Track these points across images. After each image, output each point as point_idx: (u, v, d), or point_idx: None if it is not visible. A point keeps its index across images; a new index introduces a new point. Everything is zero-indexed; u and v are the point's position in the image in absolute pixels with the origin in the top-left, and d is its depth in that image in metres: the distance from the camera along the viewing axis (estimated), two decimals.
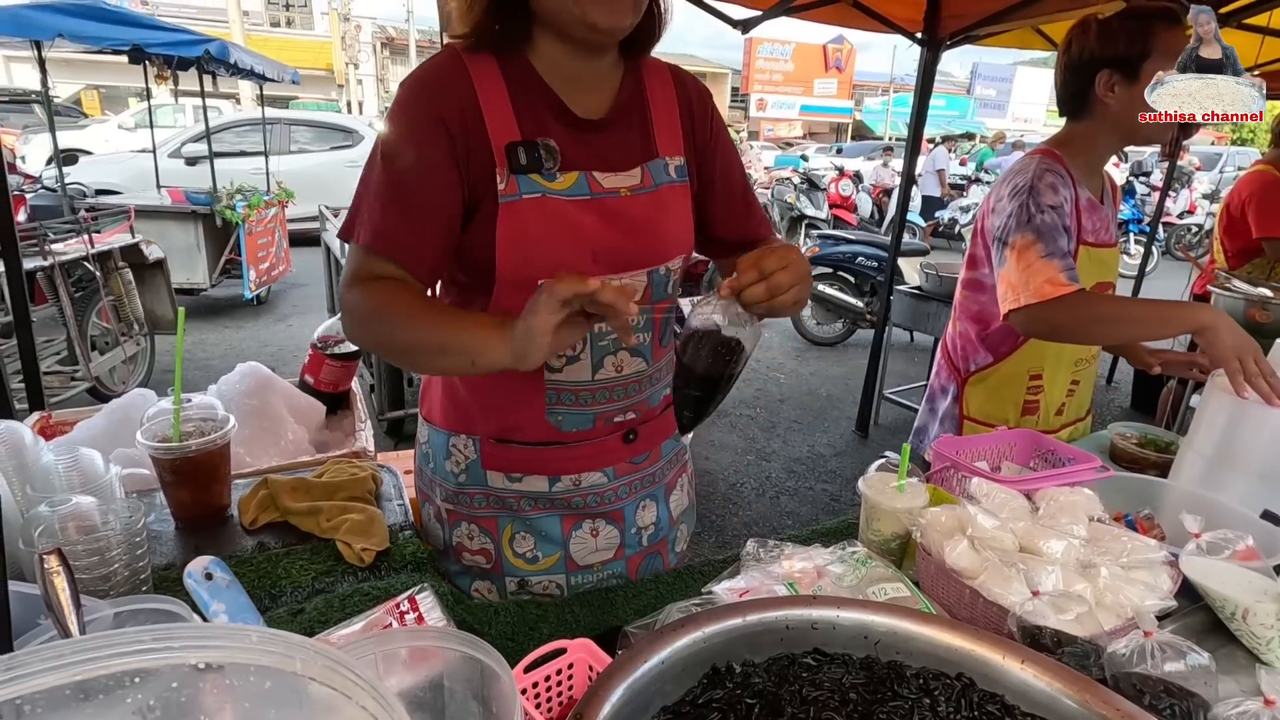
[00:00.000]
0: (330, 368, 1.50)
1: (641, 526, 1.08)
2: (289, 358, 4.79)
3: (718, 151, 1.02)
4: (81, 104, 15.98)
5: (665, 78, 0.98)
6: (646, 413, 1.03)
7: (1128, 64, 1.32)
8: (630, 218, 0.90)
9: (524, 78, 0.88)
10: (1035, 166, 1.40)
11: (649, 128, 0.95)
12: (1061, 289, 1.29)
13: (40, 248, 3.15)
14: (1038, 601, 0.75)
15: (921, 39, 3.19)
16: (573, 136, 0.89)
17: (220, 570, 0.60)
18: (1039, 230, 1.33)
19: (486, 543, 1.03)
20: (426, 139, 0.84)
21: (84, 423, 1.31)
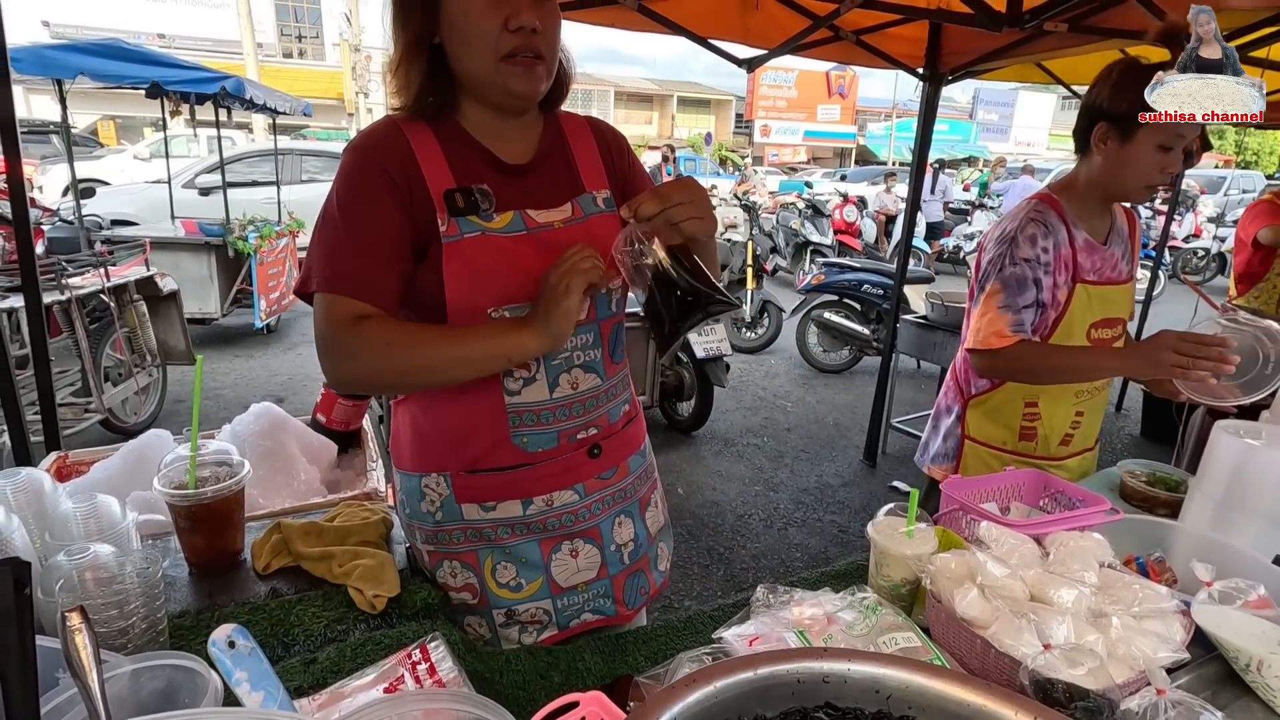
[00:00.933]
0: (342, 407, 1.52)
1: (620, 544, 1.12)
2: (298, 386, 4.83)
3: (636, 183, 1.12)
4: (98, 134, 16.33)
5: (582, 126, 1.10)
6: (608, 428, 1.09)
7: (1124, 124, 1.36)
8: (565, 246, 0.96)
9: (455, 136, 0.98)
10: (1024, 214, 1.48)
11: (574, 168, 1.06)
12: (1003, 341, 1.44)
13: (58, 281, 3.21)
14: (1050, 654, 0.75)
15: (923, 74, 3.24)
16: (504, 181, 0.99)
17: (242, 638, 0.61)
18: (1005, 281, 1.45)
19: (470, 578, 1.06)
20: (376, 190, 0.93)
21: (101, 463, 1.32)
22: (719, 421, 4.45)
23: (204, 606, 0.95)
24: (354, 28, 20.28)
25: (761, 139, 28.52)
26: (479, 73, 0.93)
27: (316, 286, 0.92)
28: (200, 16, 19.00)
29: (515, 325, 0.92)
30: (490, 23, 0.89)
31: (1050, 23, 2.22)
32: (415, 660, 0.81)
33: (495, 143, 1.00)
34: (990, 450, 1.66)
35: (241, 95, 5.05)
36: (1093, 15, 2.22)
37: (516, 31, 0.89)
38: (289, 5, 21.63)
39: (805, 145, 29.43)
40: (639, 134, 27.02)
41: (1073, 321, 1.51)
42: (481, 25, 0.89)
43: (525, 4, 0.89)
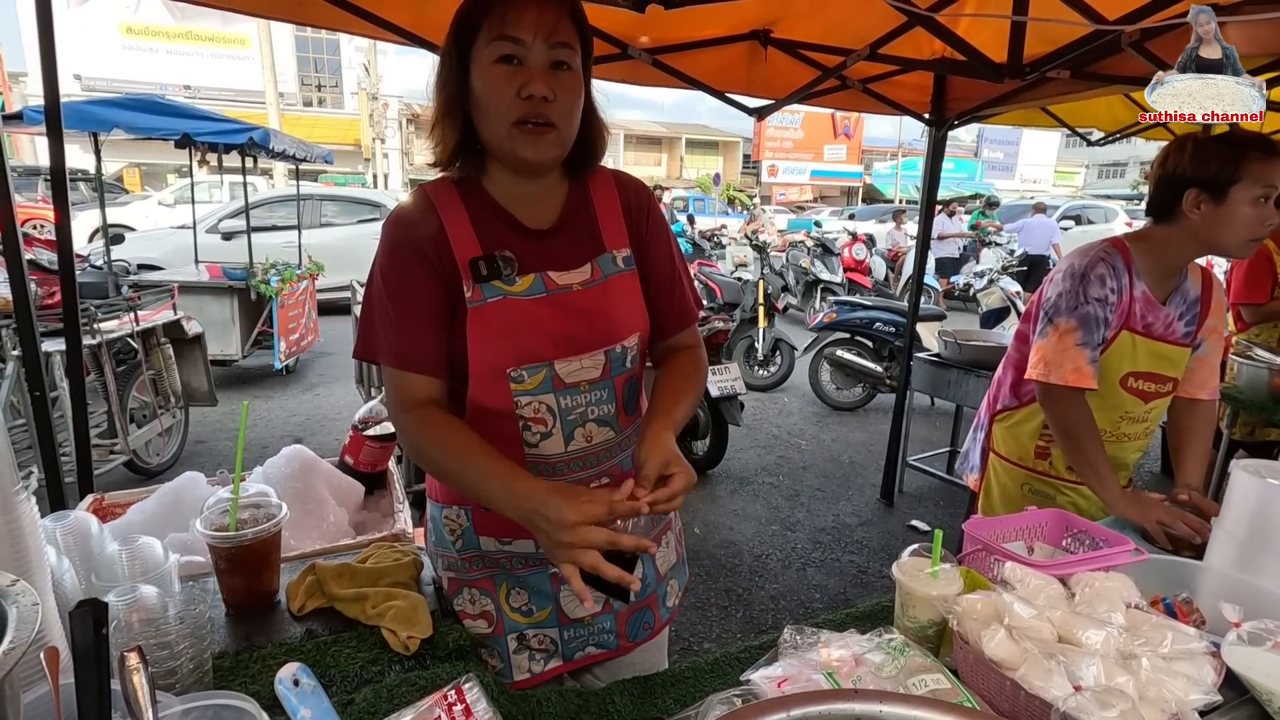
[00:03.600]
0: (370, 449, 1.55)
1: None
2: (316, 427, 4.88)
3: (652, 245, 1.14)
4: (123, 180, 16.83)
5: (608, 183, 1.13)
6: (620, 476, 1.09)
7: (1216, 186, 1.43)
8: (582, 308, 1.03)
9: (480, 201, 1.04)
10: (1095, 253, 1.56)
11: (595, 228, 1.09)
12: (1084, 382, 1.52)
13: (89, 326, 3.30)
14: (1081, 697, 0.75)
15: (929, 119, 3.32)
16: (527, 245, 1.03)
17: (306, 676, 0.63)
18: (1083, 319, 1.52)
19: (487, 604, 1.11)
20: (413, 266, 1.00)
21: (137, 505, 1.36)
22: (734, 460, 4.44)
23: (242, 647, 0.97)
24: (372, 77, 20.99)
25: (769, 179, 28.96)
26: (493, 138, 0.98)
27: (384, 360, 1.01)
28: (225, 68, 19.70)
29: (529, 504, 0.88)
30: (505, 91, 0.94)
31: (1053, 71, 2.28)
32: (451, 701, 0.83)
33: (518, 206, 1.05)
34: (1008, 464, 1.77)
35: (267, 145, 5.23)
36: (1093, 63, 2.29)
37: (527, 99, 0.94)
38: (310, 56, 22.43)
39: (812, 184, 29.83)
40: (649, 175, 27.48)
41: (1109, 364, 1.57)
42: (497, 94, 0.94)
43: (538, 75, 0.94)
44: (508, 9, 0.93)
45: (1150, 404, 1.63)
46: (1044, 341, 1.58)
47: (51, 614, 0.77)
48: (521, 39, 0.93)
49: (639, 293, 1.11)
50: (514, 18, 0.93)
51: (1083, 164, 34.10)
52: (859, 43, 2.52)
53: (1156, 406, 1.65)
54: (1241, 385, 2.66)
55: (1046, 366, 1.56)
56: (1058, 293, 1.57)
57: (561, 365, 1.02)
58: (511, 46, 0.93)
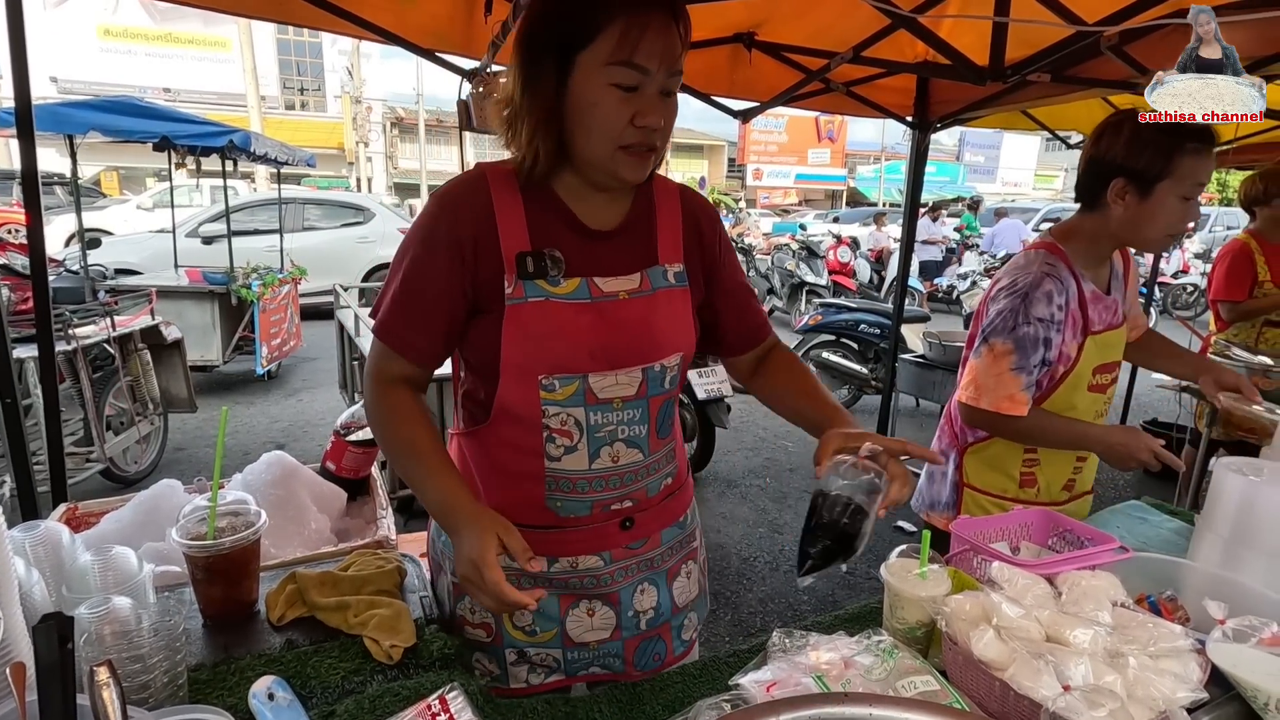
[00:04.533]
0: (352, 454, 1.53)
1: (640, 610, 1.11)
2: (299, 433, 4.82)
3: (725, 266, 1.14)
4: (101, 184, 16.57)
5: (673, 195, 1.09)
6: (644, 501, 1.08)
7: (1143, 179, 1.36)
8: (625, 319, 0.99)
9: (542, 195, 1.00)
10: (1038, 268, 1.45)
11: (653, 238, 1.05)
12: (1017, 408, 1.44)
13: (64, 332, 3.23)
14: (1070, 697, 0.75)
15: (912, 122, 3.35)
16: (580, 245, 0.99)
17: (281, 690, 0.61)
18: (1019, 341, 1.43)
19: (487, 616, 1.08)
20: (440, 250, 0.96)
21: (112, 515, 1.33)
22: (721, 463, 4.44)
23: (220, 659, 0.94)
24: (355, 81, 20.86)
25: (754, 182, 29.10)
26: (593, 157, 0.94)
27: (374, 329, 1.01)
28: (205, 71, 19.47)
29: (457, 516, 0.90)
30: (618, 117, 0.90)
31: (1033, 73, 2.30)
32: (435, 711, 0.81)
33: (582, 206, 1.00)
34: (990, 498, 1.62)
35: (247, 148, 5.16)
36: (1073, 66, 2.32)
37: (641, 128, 0.91)
38: (292, 59, 22.24)
39: (796, 188, 30.01)
40: None
41: (1081, 374, 1.50)
42: (609, 118, 0.90)
43: (655, 105, 0.91)
44: (641, 35, 0.87)
45: (1107, 394, 1.58)
46: (977, 362, 1.49)
47: (18, 628, 0.74)
48: (648, 69, 0.89)
49: (687, 312, 1.07)
50: (645, 47, 0.88)
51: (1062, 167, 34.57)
52: (843, 45, 2.53)
53: (1110, 394, 1.60)
54: None
55: (978, 390, 1.47)
56: (997, 311, 1.47)
57: (596, 379, 0.98)
58: (636, 76, 0.89)
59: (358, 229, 9.02)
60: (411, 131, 24.09)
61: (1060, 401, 1.51)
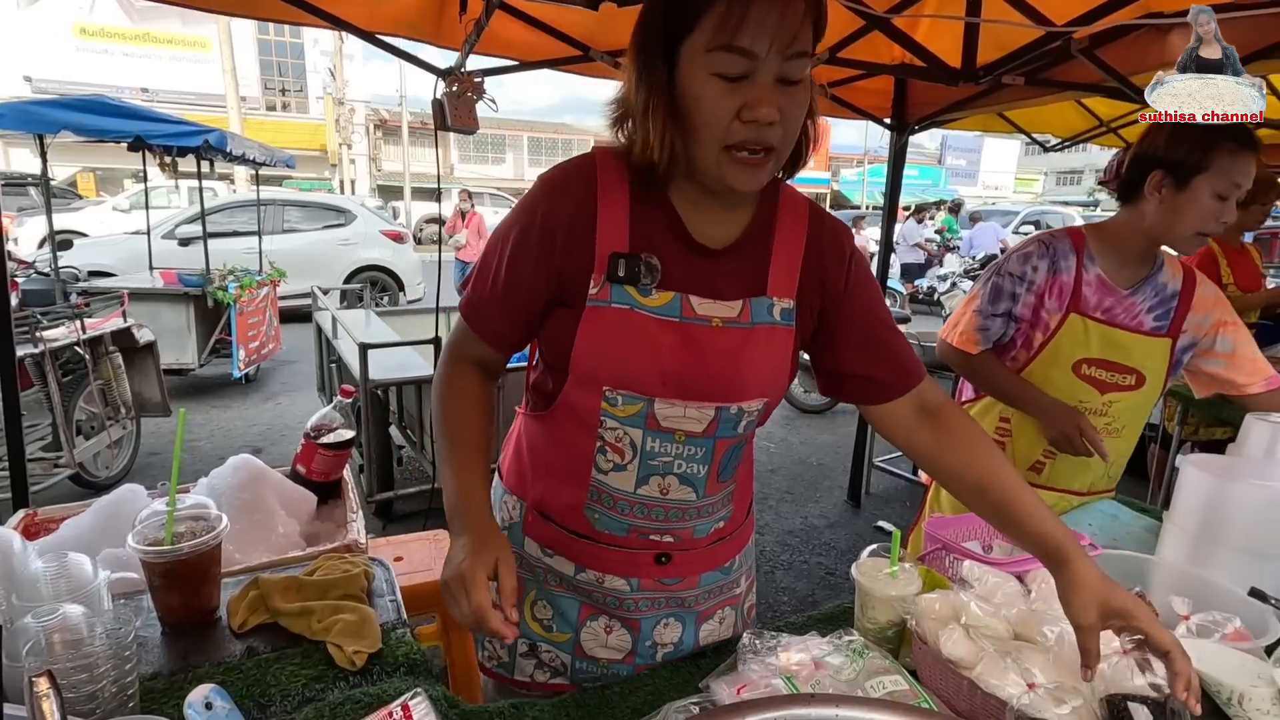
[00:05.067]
0: (323, 457, 1.50)
1: (659, 643, 1.06)
2: (276, 437, 4.75)
3: (857, 296, 0.98)
4: (77, 186, 16.29)
5: (801, 215, 0.96)
6: (688, 541, 1.01)
7: (1182, 170, 1.38)
8: (712, 348, 0.89)
9: (651, 198, 0.90)
10: (1041, 238, 1.59)
11: (765, 265, 0.93)
12: (963, 344, 1.62)
13: (31, 335, 3.16)
14: (1035, 694, 0.75)
15: (891, 124, 3.37)
16: (685, 258, 0.90)
17: (220, 699, 0.59)
18: (989, 288, 1.59)
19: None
20: (531, 240, 0.91)
21: (71, 520, 1.29)
22: None
23: (177, 668, 0.92)
24: (338, 82, 20.69)
25: None
26: (698, 159, 0.83)
27: (460, 306, 1.00)
28: (184, 71, 19.19)
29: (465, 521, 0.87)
30: (722, 110, 0.78)
31: (1008, 76, 2.33)
32: (396, 719, 0.79)
33: (693, 215, 0.90)
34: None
35: (224, 148, 5.10)
36: (1047, 69, 2.34)
37: (749, 123, 0.78)
38: (273, 60, 22.00)
39: None
40: None
41: (1060, 349, 1.53)
42: (713, 113, 0.79)
43: (766, 95, 0.77)
44: (744, 13, 0.75)
45: (1107, 395, 1.54)
46: (959, 302, 1.70)
47: None
48: (755, 52, 0.76)
49: (786, 354, 0.95)
50: (751, 23, 0.75)
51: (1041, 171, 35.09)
52: (819, 47, 2.53)
53: (1117, 401, 1.55)
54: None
55: (947, 324, 1.68)
56: (991, 267, 1.65)
57: (662, 406, 0.90)
58: (741, 62, 0.76)
59: (339, 231, 8.93)
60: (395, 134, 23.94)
61: (1037, 374, 1.57)
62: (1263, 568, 1.08)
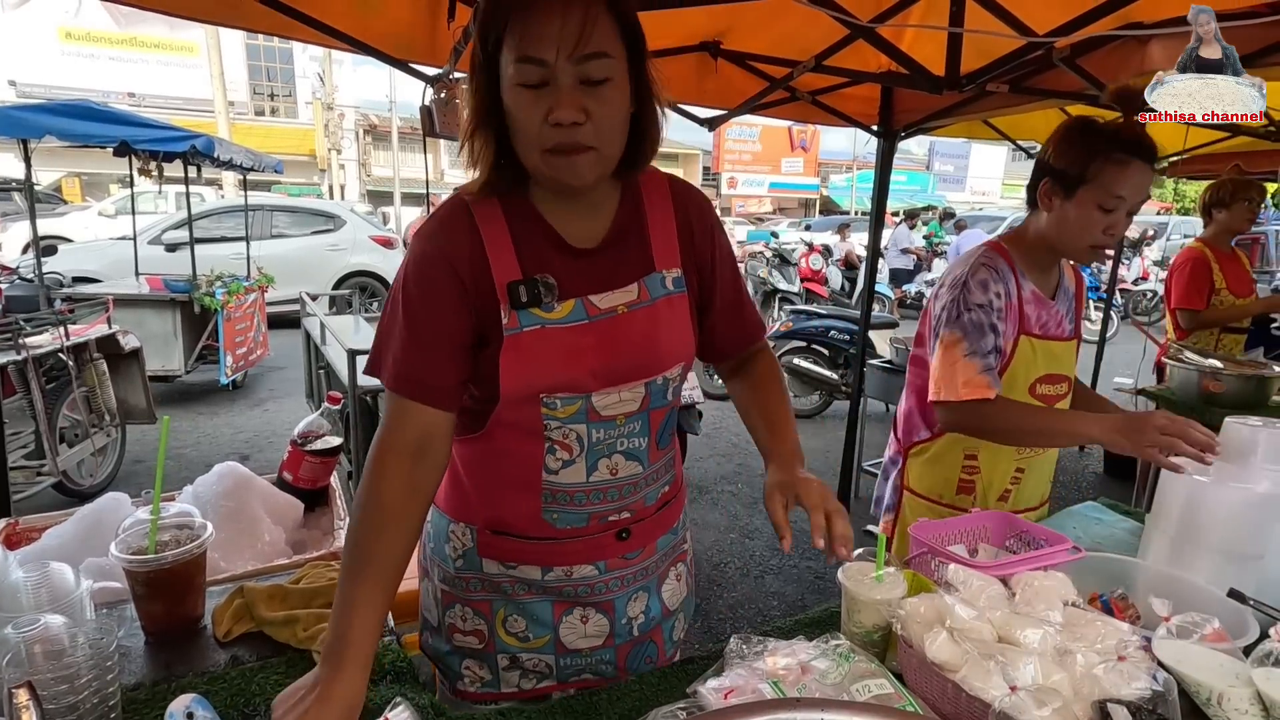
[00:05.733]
0: (310, 464, 1.49)
1: (632, 617, 1.11)
2: (264, 444, 4.71)
3: (718, 266, 1.06)
4: (62, 191, 16.13)
5: (664, 193, 1.02)
6: (641, 511, 1.06)
7: (1066, 181, 1.36)
8: (625, 335, 0.95)
9: (524, 215, 0.94)
10: (974, 261, 1.45)
11: (646, 245, 0.99)
12: (978, 393, 1.36)
13: (14, 341, 3.13)
14: (1017, 696, 0.76)
15: (877, 131, 3.40)
16: (570, 265, 0.94)
17: (201, 709, 0.59)
18: (964, 328, 1.40)
19: (479, 624, 1.07)
20: (440, 284, 0.91)
21: (54, 530, 1.27)
22: (693, 469, 4.44)
23: (160, 678, 0.91)
24: (327, 87, 20.61)
25: (729, 191, 29.31)
26: (527, 162, 0.88)
27: (386, 382, 0.93)
28: (171, 76, 19.09)
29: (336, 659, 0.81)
30: (532, 116, 0.83)
31: (992, 84, 2.36)
32: None
33: (565, 221, 0.95)
34: (926, 503, 1.59)
35: (211, 154, 5.07)
36: (1031, 77, 2.38)
37: (556, 126, 0.82)
38: (261, 65, 21.91)
39: (771, 196, 30.31)
40: None
41: (1016, 375, 1.47)
42: (525, 120, 0.83)
43: (566, 97, 0.81)
44: (527, 23, 0.80)
45: (1053, 407, 1.53)
46: (934, 360, 1.45)
47: None
48: (544, 59, 0.80)
49: (687, 318, 1.02)
50: (534, 34, 0.80)
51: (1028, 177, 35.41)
52: (806, 55, 2.56)
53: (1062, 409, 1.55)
54: (1174, 387, 2.76)
55: (937, 386, 1.43)
56: (941, 306, 1.46)
57: (599, 398, 0.95)
58: (535, 70, 0.81)
59: (328, 236, 8.88)
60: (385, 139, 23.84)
61: None
62: (1242, 569, 1.09)
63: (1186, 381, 2.65)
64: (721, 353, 1.15)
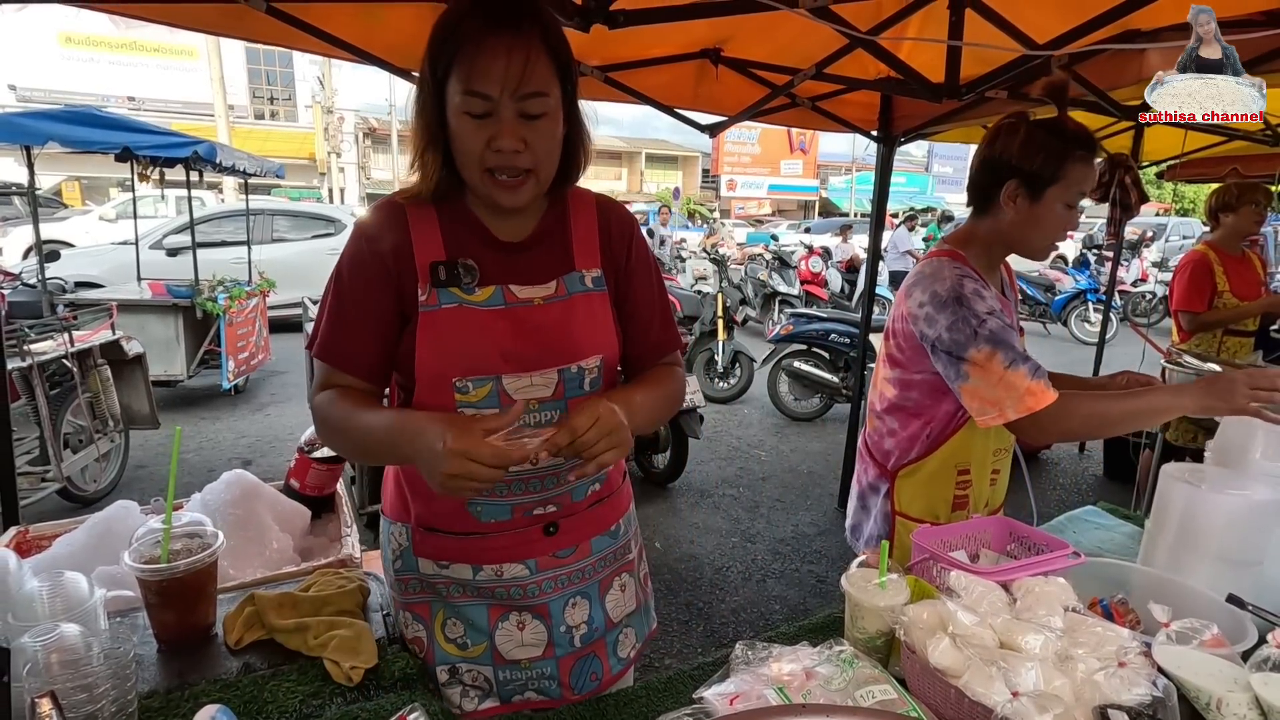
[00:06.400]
0: (316, 471, 1.51)
1: (572, 625, 1.10)
2: (266, 449, 4.72)
3: (635, 276, 1.12)
4: (62, 195, 16.15)
5: (589, 206, 1.10)
6: (569, 506, 1.08)
7: (1036, 181, 1.33)
8: (539, 323, 1.00)
9: (457, 213, 1.02)
10: (949, 273, 1.37)
11: (568, 246, 1.06)
12: (1042, 400, 1.26)
13: (19, 348, 3.14)
14: (1019, 702, 0.77)
15: (877, 136, 3.42)
16: (495, 257, 1.01)
17: (226, 718, 0.60)
18: (992, 340, 1.29)
19: (419, 630, 1.09)
20: (366, 267, 0.99)
21: (64, 538, 1.29)
22: (694, 473, 4.45)
23: (174, 686, 0.92)
24: (326, 90, 20.65)
25: (728, 193, 29.37)
26: (469, 180, 0.97)
27: (314, 352, 1.02)
28: (171, 80, 19.14)
29: (412, 433, 0.88)
30: (475, 142, 0.91)
31: (991, 91, 2.38)
32: None
33: (495, 221, 1.03)
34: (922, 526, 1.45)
35: (213, 159, 5.08)
36: (1027, 84, 2.39)
37: (498, 152, 0.91)
38: (261, 69, 21.96)
39: (770, 199, 30.37)
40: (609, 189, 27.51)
41: None
42: (467, 144, 0.92)
43: (508, 128, 0.90)
44: (475, 60, 0.89)
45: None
46: (969, 385, 1.32)
47: None
48: (489, 94, 0.89)
49: (607, 315, 1.07)
50: (480, 71, 0.89)
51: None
52: (806, 63, 2.58)
53: None
54: None
55: (998, 408, 1.29)
56: (945, 328, 1.33)
57: (510, 380, 0.99)
58: (480, 103, 0.90)
59: (328, 240, 8.90)
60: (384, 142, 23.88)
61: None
62: (1240, 574, 1.11)
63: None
64: (633, 358, 1.14)
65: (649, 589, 1.26)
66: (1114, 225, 3.61)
